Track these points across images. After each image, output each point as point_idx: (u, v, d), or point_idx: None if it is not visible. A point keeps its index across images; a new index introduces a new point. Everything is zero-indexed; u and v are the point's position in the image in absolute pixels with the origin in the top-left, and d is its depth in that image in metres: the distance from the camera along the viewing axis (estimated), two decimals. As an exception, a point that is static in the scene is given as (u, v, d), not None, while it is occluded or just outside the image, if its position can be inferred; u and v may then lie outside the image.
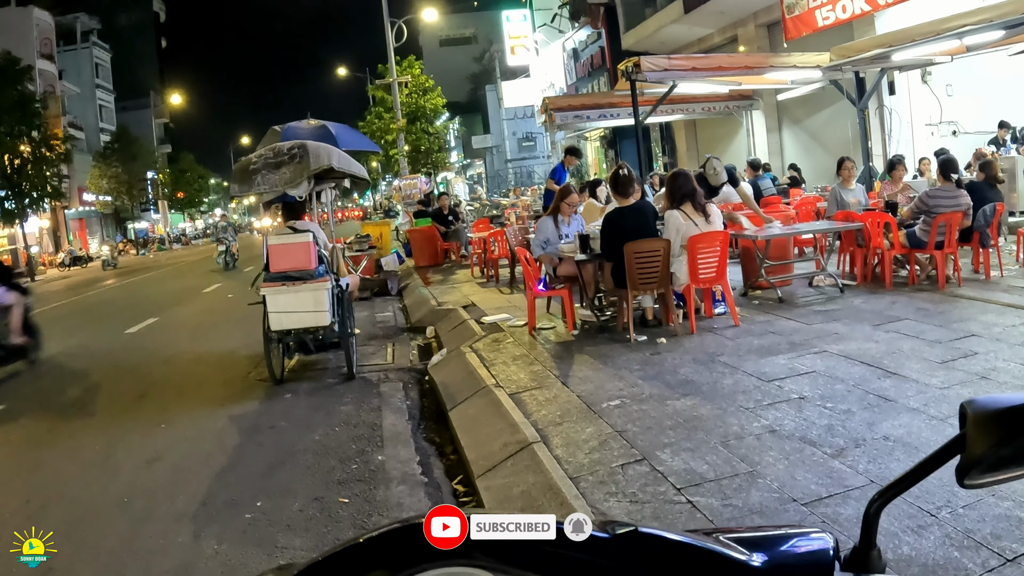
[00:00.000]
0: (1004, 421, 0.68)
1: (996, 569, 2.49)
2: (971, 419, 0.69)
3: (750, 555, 0.70)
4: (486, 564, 0.68)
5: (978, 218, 7.46)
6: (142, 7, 67.45)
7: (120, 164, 48.35)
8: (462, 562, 0.69)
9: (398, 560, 0.69)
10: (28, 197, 32.60)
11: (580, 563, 0.68)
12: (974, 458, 0.69)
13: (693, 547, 0.71)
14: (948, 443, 0.71)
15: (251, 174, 6.37)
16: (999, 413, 0.68)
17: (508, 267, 11.05)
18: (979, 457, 0.69)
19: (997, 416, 0.68)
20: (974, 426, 0.69)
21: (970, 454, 0.69)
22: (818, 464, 3.48)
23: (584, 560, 0.68)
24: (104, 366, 8.48)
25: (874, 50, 10.51)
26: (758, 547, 0.73)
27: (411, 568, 0.68)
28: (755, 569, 0.69)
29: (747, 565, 0.69)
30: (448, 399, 5.57)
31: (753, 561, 0.70)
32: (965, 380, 4.47)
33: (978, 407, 0.70)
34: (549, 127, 16.78)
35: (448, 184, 35.84)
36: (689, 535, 0.72)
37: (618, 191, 6.69)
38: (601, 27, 25.07)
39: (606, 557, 0.68)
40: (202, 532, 3.79)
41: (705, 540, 0.72)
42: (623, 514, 3.22)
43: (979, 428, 0.69)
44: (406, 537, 0.71)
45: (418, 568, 0.68)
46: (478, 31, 60.20)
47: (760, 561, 0.70)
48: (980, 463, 0.69)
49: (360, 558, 0.71)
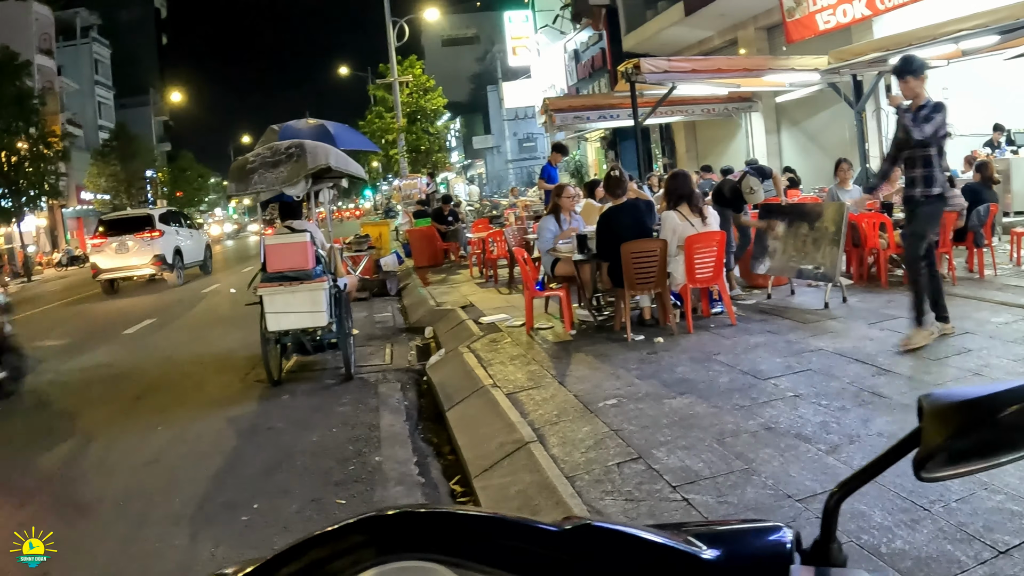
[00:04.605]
0: (959, 414, 0.69)
1: (989, 561, 2.52)
2: (927, 412, 0.70)
3: (703, 548, 0.72)
4: (439, 558, 0.70)
5: (972, 218, 7.55)
6: (143, 3, 67.25)
7: (119, 162, 48.07)
8: (417, 556, 0.70)
9: (355, 554, 0.71)
10: (25, 195, 32.34)
11: (532, 555, 0.70)
12: (929, 451, 0.69)
13: (644, 540, 0.72)
14: (905, 437, 0.72)
15: (248, 173, 6.37)
16: (954, 406, 0.69)
17: (507, 267, 11.06)
18: (933, 450, 0.69)
19: (952, 409, 0.69)
20: (929, 419, 0.70)
21: (925, 447, 0.70)
22: (813, 460, 3.50)
23: (536, 553, 0.70)
24: (101, 367, 8.48)
25: (872, 54, 10.57)
26: (715, 540, 0.74)
27: (367, 562, 0.70)
28: (706, 562, 0.70)
29: (697, 557, 0.71)
30: (446, 399, 5.58)
31: (704, 554, 0.71)
32: (958, 376, 4.51)
33: (934, 400, 0.70)
34: (549, 128, 16.79)
35: (449, 184, 35.81)
36: (643, 529, 0.74)
37: (608, 191, 6.84)
38: (602, 29, 25.11)
39: (559, 550, 0.70)
40: (199, 534, 3.79)
41: (658, 533, 0.73)
42: (619, 512, 3.25)
43: (934, 421, 0.69)
44: (362, 531, 0.73)
45: (375, 561, 0.70)
46: (480, 31, 60.23)
47: (713, 554, 0.71)
48: (935, 456, 0.70)
49: (317, 552, 0.72)
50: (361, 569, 0.70)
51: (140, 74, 61.07)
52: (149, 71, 64.42)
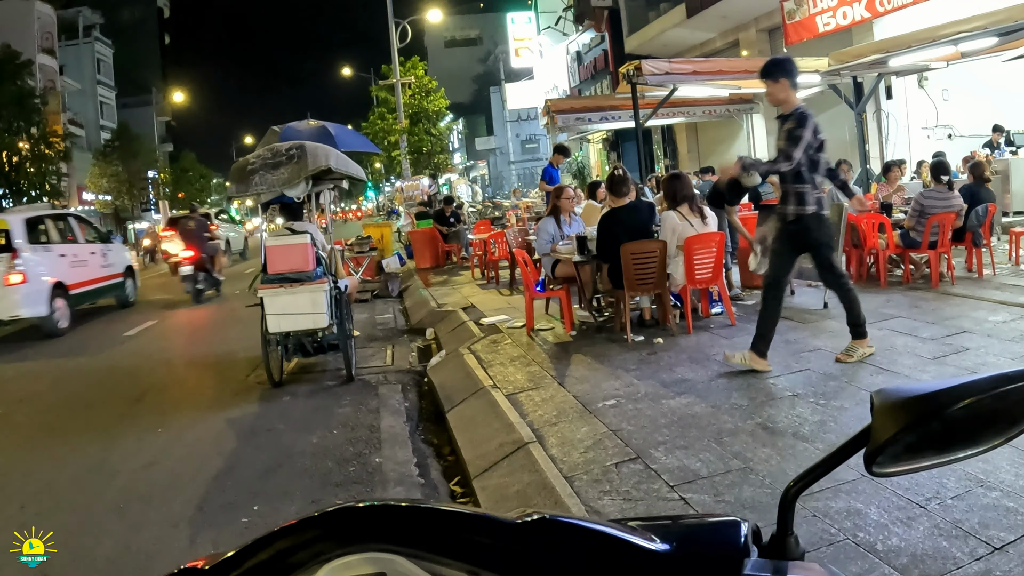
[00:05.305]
0: (908, 409, 0.70)
1: (984, 557, 2.54)
2: (877, 408, 0.72)
3: (656, 541, 0.73)
4: (398, 550, 0.72)
5: (971, 218, 7.58)
6: (145, 2, 67.21)
7: (120, 162, 48.01)
8: (376, 547, 0.73)
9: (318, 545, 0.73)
10: (27, 195, 32.35)
11: (488, 547, 0.72)
12: (878, 445, 0.71)
13: (599, 532, 0.74)
14: (859, 432, 0.74)
15: (249, 174, 6.38)
16: (903, 401, 0.70)
17: (508, 269, 11.08)
18: (883, 444, 0.70)
19: (901, 404, 0.70)
20: (879, 414, 0.71)
21: (875, 441, 0.71)
22: (810, 459, 3.43)
23: (492, 544, 0.73)
24: (101, 369, 8.48)
25: (872, 55, 10.59)
26: (672, 534, 0.75)
27: (330, 552, 0.72)
28: (659, 554, 0.72)
29: (651, 550, 0.72)
30: (446, 400, 5.60)
31: (659, 547, 0.73)
32: (956, 375, 4.49)
33: (885, 396, 0.72)
34: (551, 129, 16.78)
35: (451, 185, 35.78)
36: (598, 522, 0.75)
37: (611, 191, 6.82)
38: (604, 30, 25.11)
39: (514, 542, 0.72)
40: (198, 536, 3.79)
41: (613, 527, 0.75)
42: (616, 511, 3.26)
43: (883, 416, 0.71)
44: (324, 523, 0.75)
45: (338, 552, 0.72)
46: (483, 33, 60.33)
47: (668, 547, 0.73)
48: (885, 450, 0.71)
49: (282, 543, 0.74)
50: (325, 560, 0.72)
51: (142, 74, 61.05)
52: (151, 71, 64.38)
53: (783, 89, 4.95)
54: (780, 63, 5.17)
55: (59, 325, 11.13)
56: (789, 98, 4.93)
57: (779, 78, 4.96)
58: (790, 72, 4.97)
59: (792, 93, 4.95)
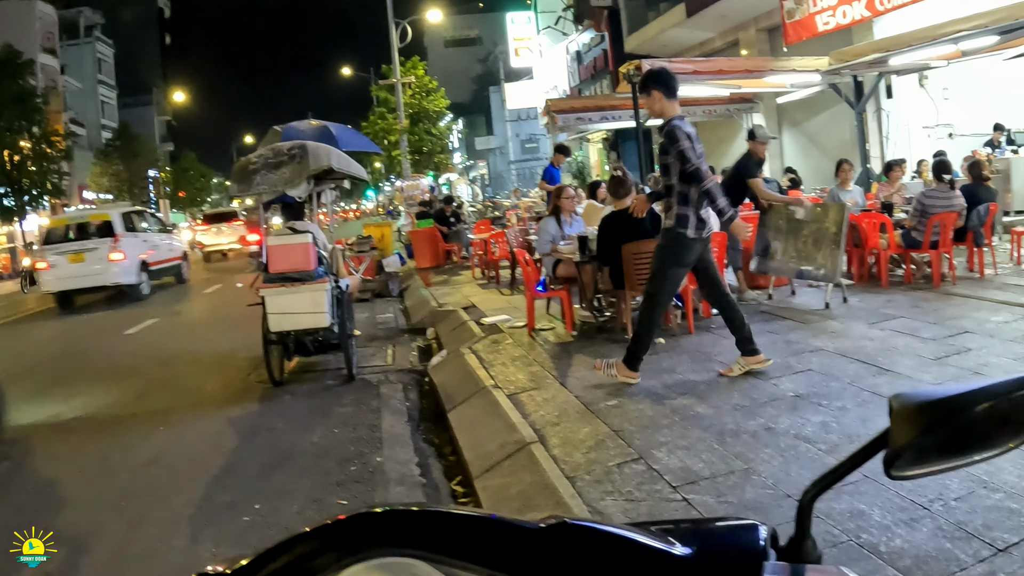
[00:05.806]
0: (925, 413, 0.70)
1: (988, 559, 2.53)
2: (895, 412, 0.72)
3: (675, 544, 0.73)
4: (418, 554, 0.72)
5: (972, 218, 7.57)
6: (146, 2, 67.30)
7: (121, 162, 48.10)
8: (398, 552, 0.73)
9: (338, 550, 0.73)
10: (28, 194, 32.41)
11: (509, 552, 0.72)
12: (897, 449, 0.71)
13: (619, 537, 0.74)
14: (876, 436, 0.74)
15: (250, 174, 6.39)
16: (921, 405, 0.71)
17: (509, 268, 11.08)
18: (901, 448, 0.71)
19: (919, 408, 0.70)
20: (897, 418, 0.71)
21: (893, 445, 0.71)
22: (812, 460, 3.51)
23: (513, 549, 0.73)
24: (102, 367, 8.49)
25: (872, 55, 10.58)
26: (690, 537, 0.75)
27: (351, 557, 0.72)
28: (679, 558, 0.72)
29: (671, 554, 0.72)
30: (447, 400, 5.60)
31: (679, 550, 0.73)
32: (958, 376, 4.52)
33: (903, 400, 0.72)
34: (551, 129, 16.78)
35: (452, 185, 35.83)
36: (618, 526, 0.76)
37: (611, 193, 6.84)
38: (604, 30, 25.09)
39: (535, 547, 0.72)
40: (199, 535, 3.79)
41: (633, 531, 0.75)
42: (619, 512, 3.25)
43: (901, 420, 0.71)
44: (345, 528, 0.75)
45: (358, 557, 0.72)
46: (483, 32, 60.34)
47: (688, 551, 0.73)
48: (903, 454, 0.71)
49: (302, 548, 0.74)
50: (344, 565, 0.72)
51: (143, 74, 61.12)
52: (152, 71, 64.46)
53: (656, 101, 4.89)
54: (652, 75, 5.04)
55: (143, 292, 14.96)
56: (664, 109, 4.88)
57: (651, 90, 4.91)
58: (663, 82, 4.89)
59: (668, 103, 4.88)
